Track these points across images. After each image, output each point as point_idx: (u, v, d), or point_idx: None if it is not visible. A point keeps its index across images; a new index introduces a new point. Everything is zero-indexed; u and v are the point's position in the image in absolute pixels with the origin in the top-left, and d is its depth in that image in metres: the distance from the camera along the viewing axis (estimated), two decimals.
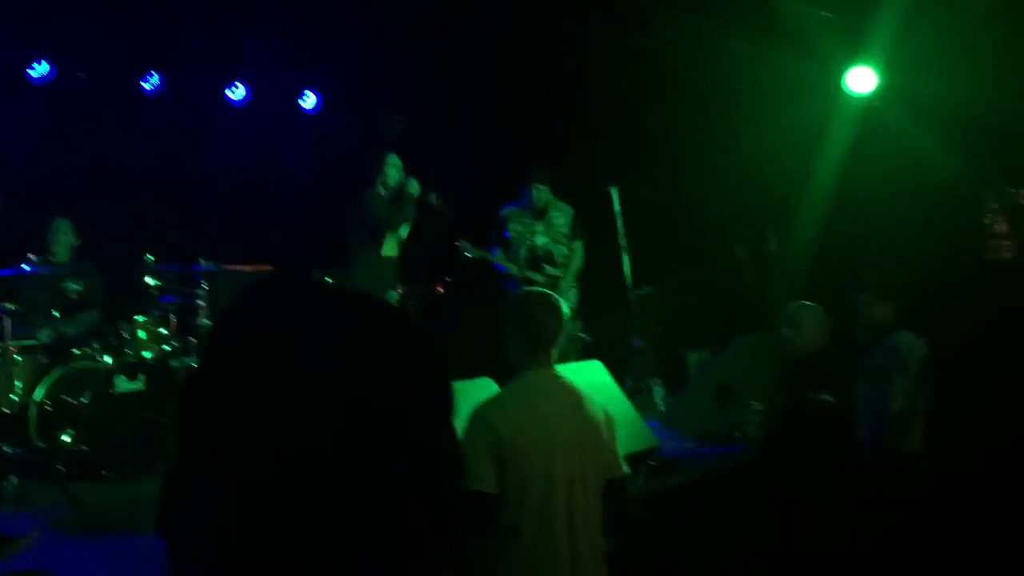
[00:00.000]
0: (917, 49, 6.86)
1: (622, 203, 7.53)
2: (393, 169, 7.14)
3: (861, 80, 7.48)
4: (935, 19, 6.59)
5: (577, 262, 7.51)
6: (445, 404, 0.80)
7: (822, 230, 7.70)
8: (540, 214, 7.42)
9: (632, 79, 8.23)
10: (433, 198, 7.19)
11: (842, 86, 7.53)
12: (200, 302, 6.71)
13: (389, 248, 7.18)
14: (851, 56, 7.38)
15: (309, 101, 8.90)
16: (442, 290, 7.95)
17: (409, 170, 7.19)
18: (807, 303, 4.94)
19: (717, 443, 5.86)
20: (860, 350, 4.96)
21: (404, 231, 7.22)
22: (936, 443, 4.77)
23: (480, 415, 3.01)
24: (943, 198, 6.91)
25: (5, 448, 5.39)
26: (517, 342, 3.18)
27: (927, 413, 4.78)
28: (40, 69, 7.35)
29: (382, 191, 7.14)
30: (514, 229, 7.42)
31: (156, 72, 7.91)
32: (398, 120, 8.76)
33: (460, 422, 3.08)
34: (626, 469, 3.20)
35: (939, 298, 6.01)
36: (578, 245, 7.53)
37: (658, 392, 7.37)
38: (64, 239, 6.62)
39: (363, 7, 7.39)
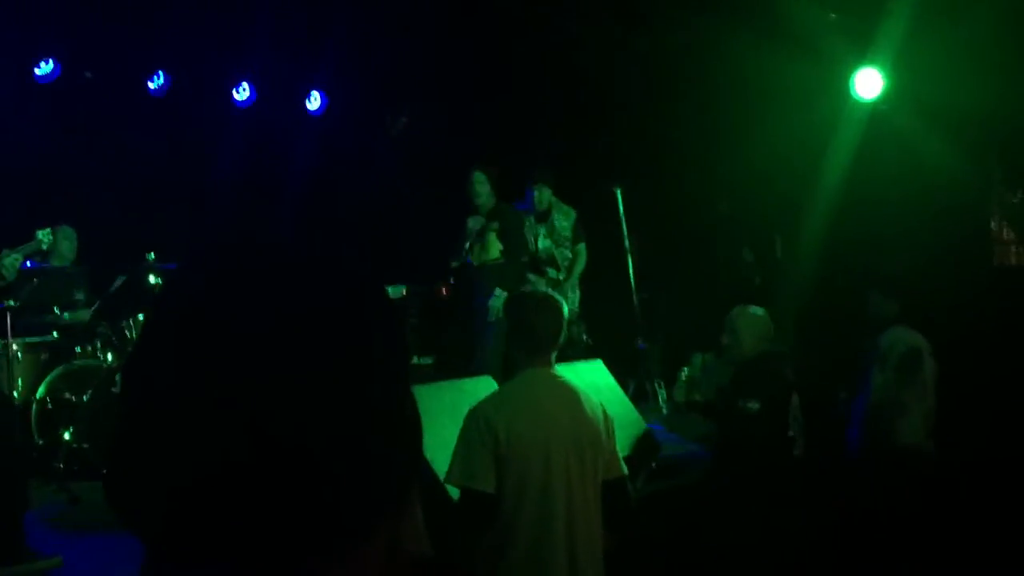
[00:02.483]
0: (925, 53, 6.82)
1: (627, 205, 7.49)
2: (479, 186, 6.76)
3: (868, 83, 7.43)
4: (943, 23, 6.56)
5: (580, 265, 7.44)
6: (382, 359, 0.73)
7: (829, 234, 7.65)
8: (543, 217, 7.37)
9: (638, 80, 8.19)
10: None
11: (850, 89, 7.49)
12: None
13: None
14: (859, 59, 7.34)
15: (314, 102, 8.90)
16: (446, 292, 7.93)
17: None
18: (746, 308, 4.77)
19: None
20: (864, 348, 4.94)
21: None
22: (942, 440, 4.76)
23: (477, 412, 2.99)
24: (949, 203, 6.87)
25: None
26: (516, 342, 3.16)
27: (930, 408, 4.75)
28: (46, 68, 7.36)
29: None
30: None
31: (162, 72, 7.93)
32: (401, 120, 8.74)
33: (459, 420, 3.06)
34: (624, 469, 3.17)
35: (945, 302, 5.97)
36: (581, 247, 7.46)
37: (662, 395, 7.33)
38: (68, 245, 6.74)
39: (367, 6, 7.39)
